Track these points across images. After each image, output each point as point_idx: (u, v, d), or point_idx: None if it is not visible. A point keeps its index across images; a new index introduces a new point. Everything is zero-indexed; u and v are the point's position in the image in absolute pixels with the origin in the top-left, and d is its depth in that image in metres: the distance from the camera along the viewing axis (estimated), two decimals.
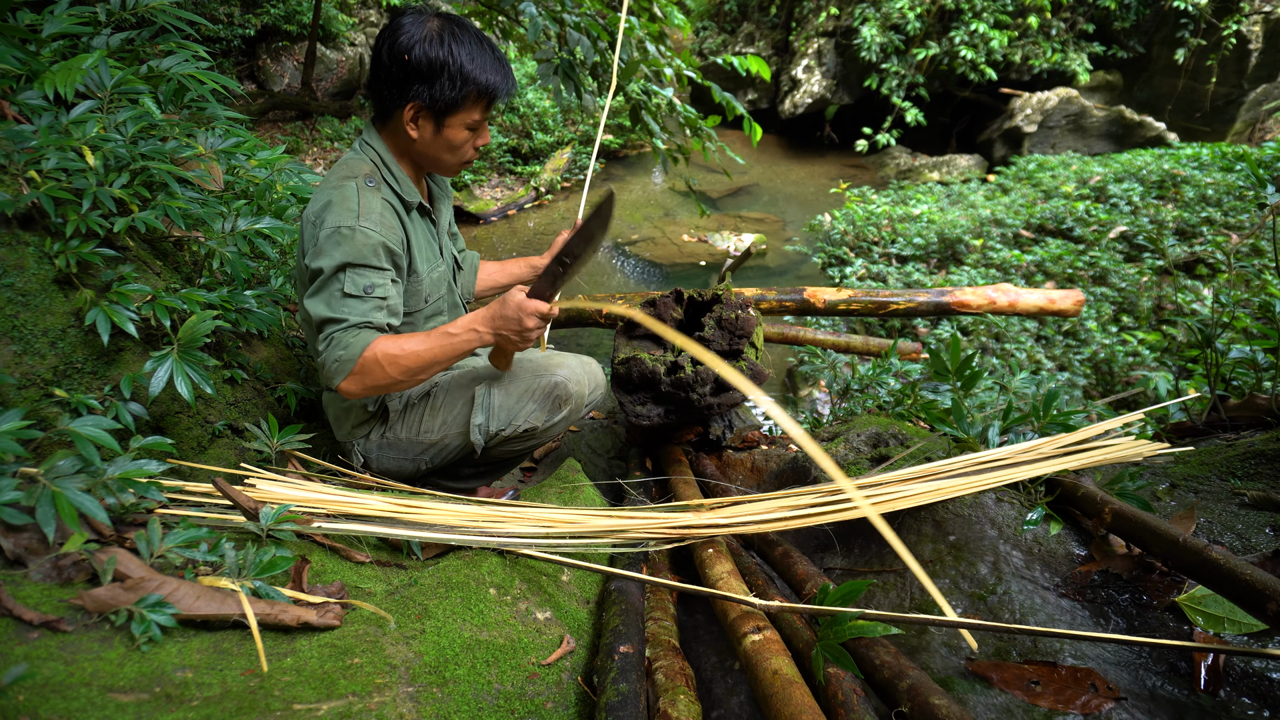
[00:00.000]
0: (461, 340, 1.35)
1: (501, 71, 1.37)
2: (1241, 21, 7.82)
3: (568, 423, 1.60)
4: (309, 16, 7.61)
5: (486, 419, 1.53)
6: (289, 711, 0.79)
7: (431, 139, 1.40)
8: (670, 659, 1.02)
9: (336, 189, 1.36)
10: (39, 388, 1.19)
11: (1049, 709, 0.89)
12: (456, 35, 1.33)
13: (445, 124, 1.38)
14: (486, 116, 1.42)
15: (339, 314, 1.32)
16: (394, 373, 1.32)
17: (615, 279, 6.21)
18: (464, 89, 1.33)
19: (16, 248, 1.21)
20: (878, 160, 8.72)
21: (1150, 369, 3.24)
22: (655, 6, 2.73)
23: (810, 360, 3.35)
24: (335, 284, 1.32)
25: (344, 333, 1.32)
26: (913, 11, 8.05)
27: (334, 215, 1.33)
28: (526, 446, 1.62)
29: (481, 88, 1.35)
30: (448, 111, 1.36)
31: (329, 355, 1.31)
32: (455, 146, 1.42)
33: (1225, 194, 4.81)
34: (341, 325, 1.32)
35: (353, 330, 1.32)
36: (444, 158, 1.45)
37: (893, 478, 1.32)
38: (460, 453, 1.59)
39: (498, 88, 1.37)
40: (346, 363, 1.30)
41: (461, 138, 1.41)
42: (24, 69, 1.36)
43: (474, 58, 1.33)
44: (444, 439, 1.56)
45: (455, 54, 1.31)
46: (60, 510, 0.90)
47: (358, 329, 1.32)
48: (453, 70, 1.31)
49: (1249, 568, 0.87)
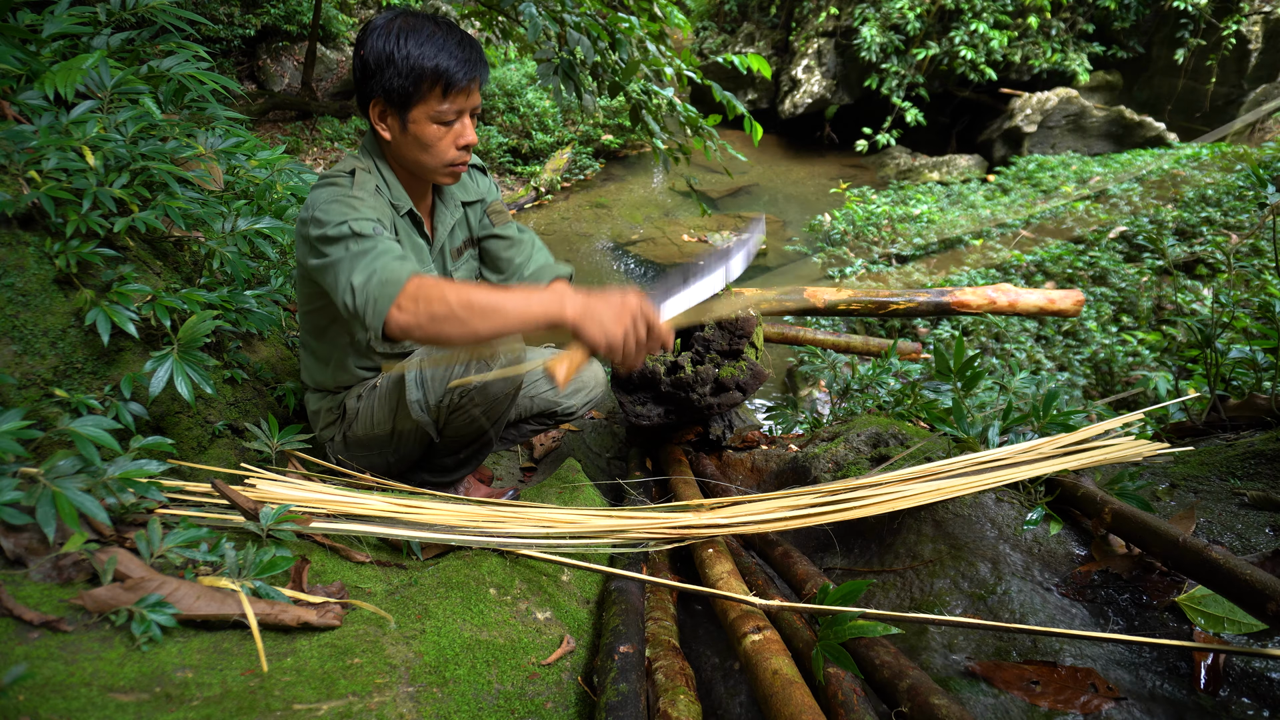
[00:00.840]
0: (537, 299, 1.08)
1: (458, 56, 1.29)
2: (1241, 21, 7.82)
3: (507, 381, 1.45)
4: (309, 16, 7.61)
5: (423, 393, 1.44)
6: (289, 711, 0.79)
7: (401, 137, 1.36)
8: (670, 659, 1.02)
9: (329, 179, 1.35)
10: (39, 388, 1.19)
11: (1049, 709, 0.89)
12: (410, 25, 1.28)
13: (409, 119, 1.32)
14: (457, 108, 1.33)
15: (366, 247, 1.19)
16: (453, 300, 1.08)
17: (615, 279, 6.21)
18: (411, 76, 1.27)
19: (16, 248, 1.21)
20: (878, 160, 8.72)
21: (1150, 369, 3.24)
22: (655, 6, 2.73)
23: (810, 360, 3.35)
24: (343, 240, 1.22)
25: (380, 259, 1.17)
26: (913, 11, 8.05)
27: (327, 193, 1.30)
28: (484, 414, 1.49)
29: (431, 73, 1.27)
30: (406, 105, 1.31)
31: (369, 287, 1.13)
32: (427, 144, 1.35)
33: (1225, 194, 4.81)
34: (374, 253, 1.18)
35: (391, 258, 1.17)
36: (422, 159, 1.38)
37: (892, 478, 1.32)
38: (421, 440, 1.54)
39: (449, 71, 1.28)
40: (392, 285, 1.12)
41: (430, 133, 1.34)
42: (24, 69, 1.36)
43: (423, 44, 1.27)
44: (396, 428, 1.51)
45: (402, 43, 1.26)
46: (60, 510, 0.90)
47: (395, 258, 1.17)
48: (398, 59, 1.26)
49: (1249, 568, 0.87)
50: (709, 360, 1.84)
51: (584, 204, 7.75)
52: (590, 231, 7.07)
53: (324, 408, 1.54)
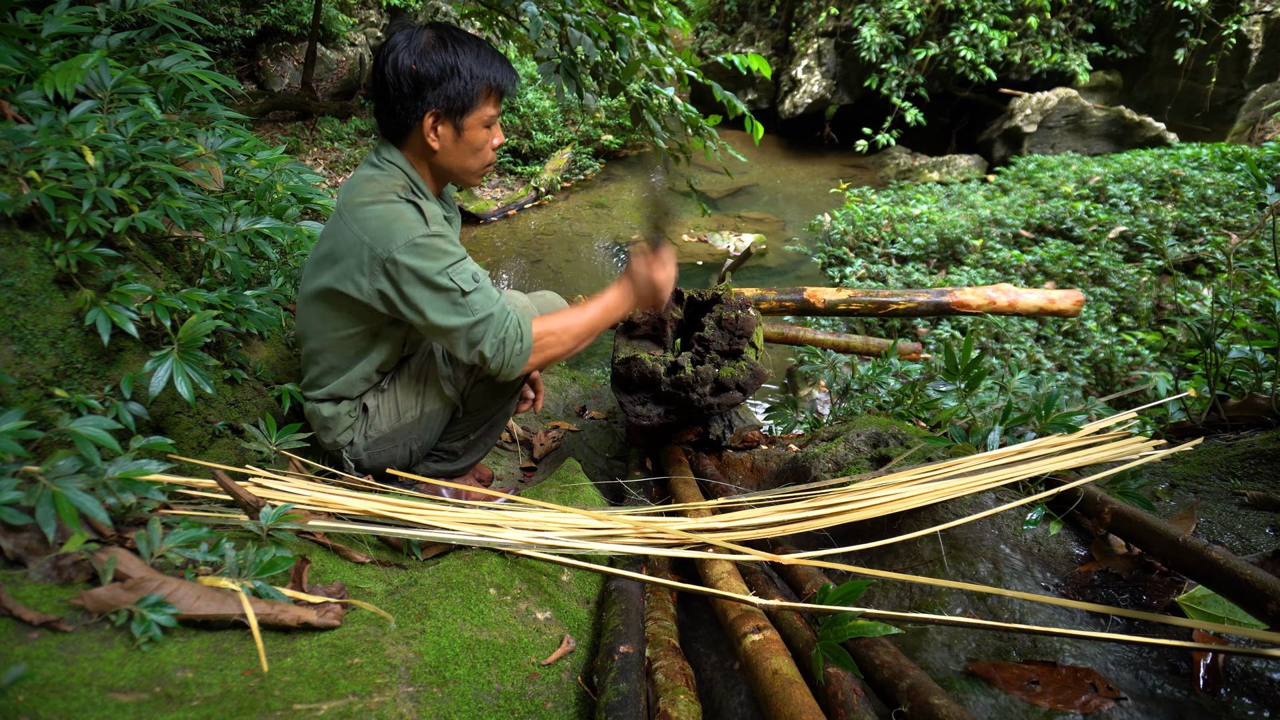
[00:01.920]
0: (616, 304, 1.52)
1: (505, 65, 1.41)
2: (1241, 21, 7.82)
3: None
4: (309, 16, 7.61)
5: (451, 367, 1.54)
6: (289, 711, 0.79)
7: (453, 145, 1.42)
8: (670, 659, 1.02)
9: (392, 203, 1.35)
10: (39, 388, 1.19)
11: (1049, 709, 0.89)
12: (456, 37, 1.36)
13: (465, 125, 1.40)
14: (498, 112, 1.45)
15: (477, 311, 1.34)
16: (567, 340, 1.44)
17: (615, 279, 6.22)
18: (475, 85, 1.36)
19: (16, 248, 1.21)
20: (878, 160, 8.72)
21: (1150, 369, 3.24)
22: (655, 6, 2.73)
23: (810, 360, 3.35)
24: (445, 289, 1.33)
25: (495, 324, 1.35)
26: (913, 12, 8.05)
27: (404, 228, 1.32)
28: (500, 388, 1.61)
29: (492, 81, 1.38)
30: (465, 111, 1.38)
31: (505, 352, 1.36)
32: (477, 148, 1.44)
33: (1225, 194, 4.81)
34: (485, 319, 1.35)
35: (500, 318, 1.36)
36: (468, 162, 1.46)
37: (893, 480, 1.32)
38: (443, 420, 1.60)
39: (505, 79, 1.40)
40: (527, 348, 1.38)
41: (482, 138, 1.43)
42: (24, 69, 1.36)
43: (477, 55, 1.36)
44: (424, 410, 1.56)
45: (461, 54, 1.34)
46: (60, 510, 0.90)
47: (505, 313, 1.37)
48: (462, 70, 1.34)
49: (1249, 568, 0.87)
50: (709, 360, 1.84)
51: (584, 204, 7.75)
52: (590, 231, 7.07)
53: (342, 412, 1.54)
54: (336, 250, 1.38)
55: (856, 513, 1.23)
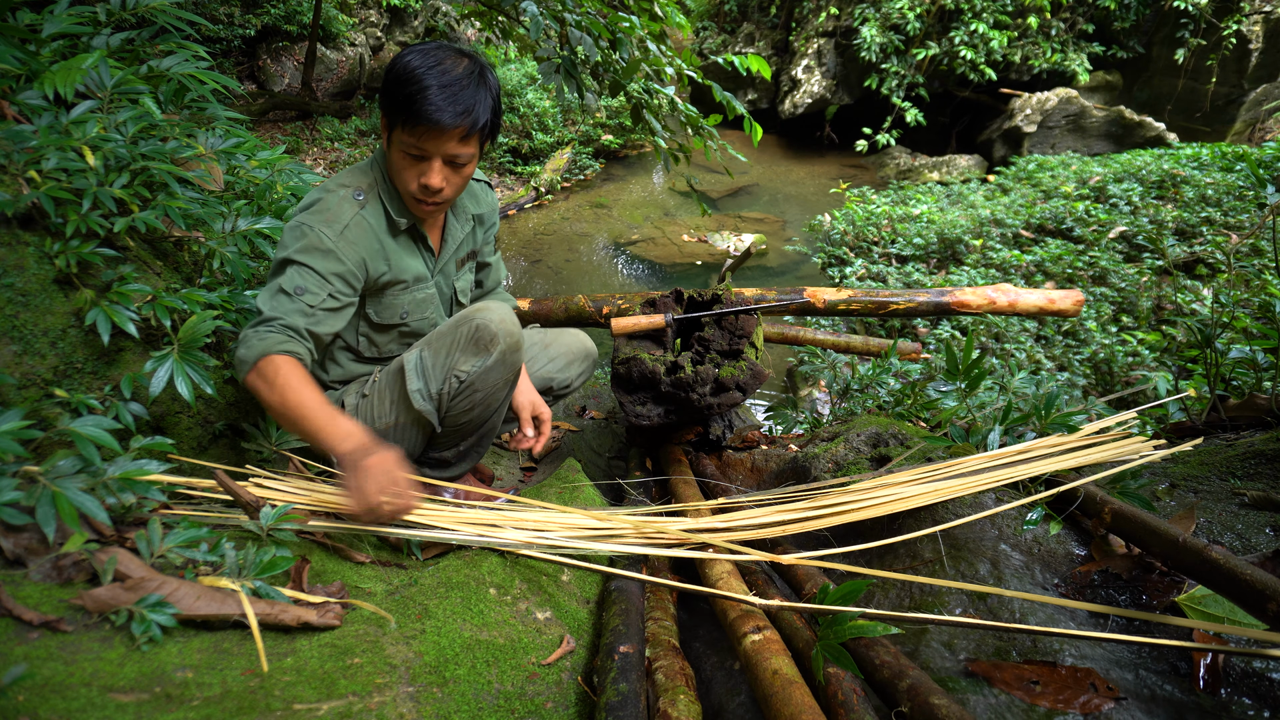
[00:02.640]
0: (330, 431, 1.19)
1: (442, 94, 1.25)
2: (1241, 21, 7.81)
3: (507, 367, 1.47)
4: (309, 16, 7.61)
5: (424, 382, 1.46)
6: (289, 711, 0.79)
7: (387, 150, 1.38)
8: (670, 659, 1.02)
9: (328, 191, 1.38)
10: (39, 388, 1.19)
11: (1049, 709, 0.89)
12: (429, 51, 1.29)
13: (391, 138, 1.33)
14: (424, 145, 1.29)
15: (265, 308, 1.30)
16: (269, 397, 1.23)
17: (615, 279, 6.22)
18: (392, 100, 1.28)
19: (16, 248, 1.21)
20: (878, 160, 8.72)
21: (1150, 369, 3.24)
22: (655, 6, 2.73)
23: (810, 360, 3.35)
24: (277, 276, 1.32)
25: (256, 330, 1.27)
26: (913, 12, 8.05)
27: (307, 213, 1.35)
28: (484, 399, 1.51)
29: (405, 101, 1.25)
30: (390, 124, 1.32)
31: (237, 352, 1.27)
32: (396, 169, 1.36)
33: (1225, 194, 4.81)
34: (260, 320, 1.29)
35: (264, 329, 1.27)
36: (394, 181, 1.40)
37: (893, 480, 1.32)
38: (424, 431, 1.53)
39: (425, 106, 1.24)
40: (244, 364, 1.26)
41: (398, 161, 1.34)
42: (24, 69, 1.36)
43: (425, 72, 1.25)
44: (397, 420, 1.51)
45: (407, 63, 1.27)
46: (60, 510, 0.90)
47: (270, 329, 1.27)
48: (392, 75, 1.27)
49: (1249, 568, 0.87)
50: (709, 360, 1.84)
51: (584, 204, 7.75)
52: (590, 231, 7.07)
53: None
54: None
55: (857, 513, 1.23)
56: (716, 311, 1.95)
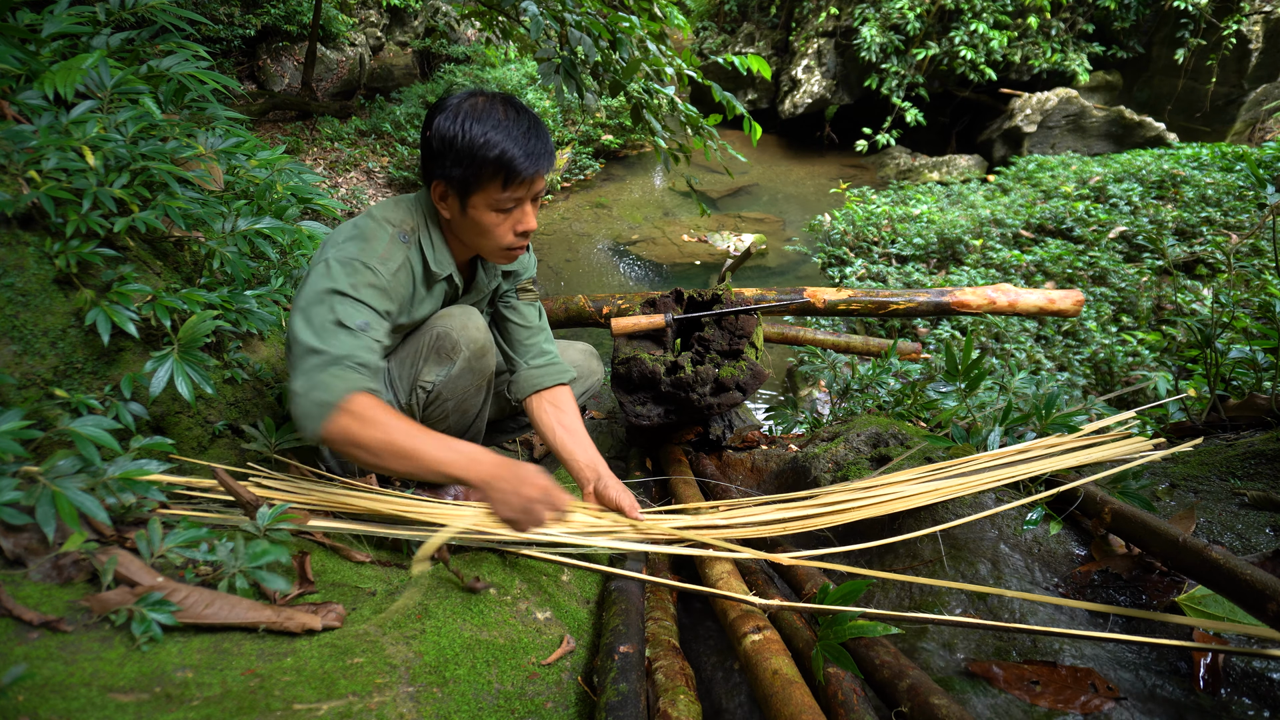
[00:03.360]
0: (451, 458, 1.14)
1: (523, 146, 1.25)
2: (1241, 21, 7.81)
3: (475, 374, 1.47)
4: (309, 16, 7.61)
5: (393, 394, 1.45)
6: (289, 711, 0.79)
7: (460, 219, 1.34)
8: (670, 659, 1.02)
9: (376, 225, 1.32)
10: (39, 388, 1.19)
11: (1049, 709, 0.89)
12: (478, 109, 1.25)
13: (469, 204, 1.30)
14: (517, 196, 1.30)
15: (329, 346, 1.17)
16: (369, 435, 1.13)
17: (615, 279, 6.21)
18: (474, 165, 1.25)
19: (16, 248, 1.21)
20: (878, 160, 8.72)
21: (1150, 369, 3.24)
22: (655, 6, 2.73)
23: (810, 360, 3.35)
24: (327, 310, 1.20)
25: (327, 371, 1.15)
26: (913, 12, 8.05)
27: (357, 246, 1.28)
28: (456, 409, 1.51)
29: (494, 162, 1.24)
30: (466, 190, 1.28)
31: (309, 396, 1.14)
32: (485, 230, 1.33)
33: (1225, 194, 4.81)
34: (327, 359, 1.16)
35: (337, 369, 1.16)
36: (479, 242, 1.37)
37: (893, 479, 1.32)
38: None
39: (513, 161, 1.24)
40: (325, 406, 1.13)
41: (489, 220, 1.31)
42: (24, 69, 1.36)
43: (489, 132, 1.23)
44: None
45: (468, 129, 1.23)
46: (60, 510, 0.90)
47: (344, 368, 1.16)
48: (460, 146, 1.24)
49: (1249, 568, 0.87)
50: (709, 360, 1.84)
51: (584, 204, 7.75)
52: (590, 231, 7.07)
53: None
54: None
55: (857, 511, 1.23)
56: (716, 311, 1.95)
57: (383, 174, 7.37)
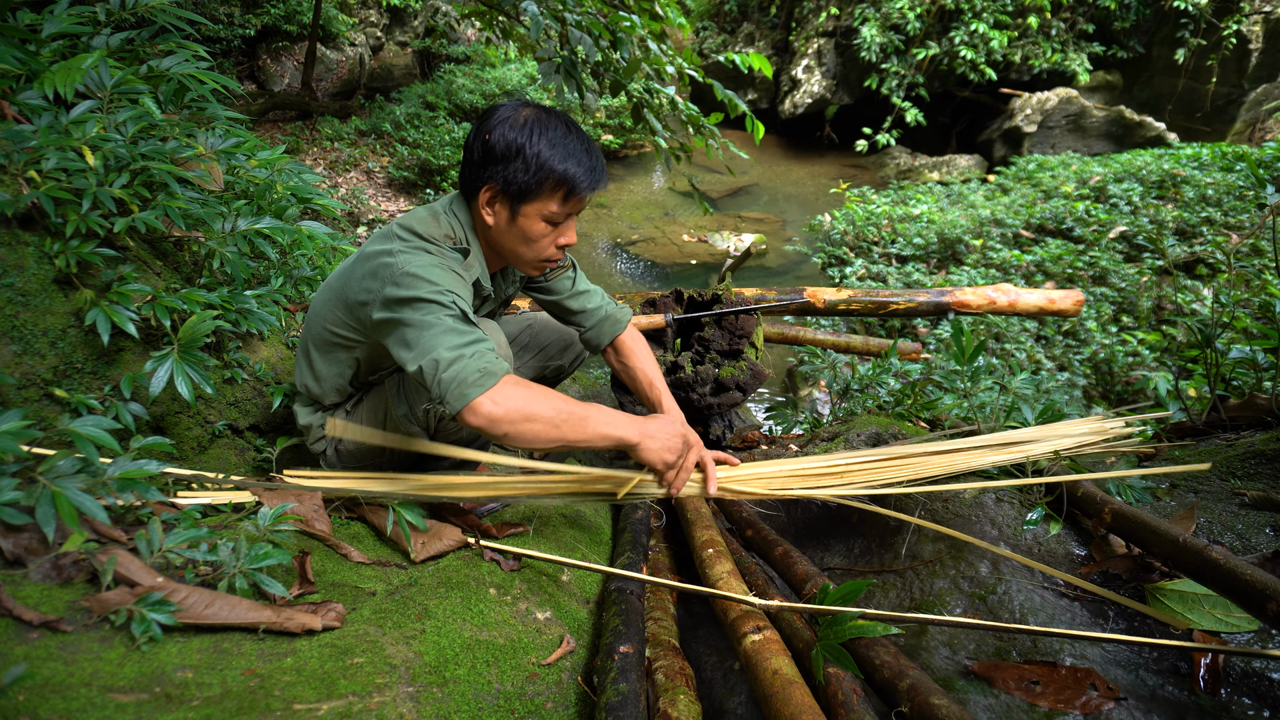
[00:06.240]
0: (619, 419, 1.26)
1: (586, 164, 1.29)
2: (1241, 21, 7.82)
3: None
4: (309, 16, 7.61)
5: (407, 406, 1.43)
6: (289, 711, 0.79)
7: (506, 227, 1.34)
8: (670, 659, 1.02)
9: (426, 244, 1.30)
10: (39, 388, 1.19)
11: (1049, 709, 0.89)
12: (542, 121, 1.29)
13: (520, 211, 1.31)
14: (568, 211, 1.33)
15: (464, 328, 1.18)
16: (542, 406, 1.17)
17: (615, 279, 6.22)
18: (538, 175, 1.27)
19: (16, 248, 1.21)
20: (878, 160, 8.72)
21: (1150, 369, 3.24)
22: (656, 6, 2.73)
23: (810, 360, 3.35)
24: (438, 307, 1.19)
25: (473, 348, 1.16)
26: (913, 11, 8.05)
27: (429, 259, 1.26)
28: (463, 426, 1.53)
29: (558, 176, 1.28)
30: (522, 198, 1.30)
31: (462, 369, 1.13)
32: (531, 239, 1.34)
33: (1225, 194, 4.81)
34: (470, 338, 1.17)
35: (485, 347, 1.17)
36: (520, 250, 1.37)
37: (885, 453, 1.32)
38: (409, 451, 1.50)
39: (576, 178, 1.28)
40: (489, 376, 1.13)
41: (538, 230, 1.33)
42: (24, 69, 1.36)
43: (555, 146, 1.27)
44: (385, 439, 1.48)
45: (534, 139, 1.26)
46: (60, 510, 0.90)
47: (489, 347, 1.18)
48: (528, 155, 1.26)
49: (1249, 568, 0.87)
50: (709, 360, 1.84)
51: None
52: (590, 231, 7.07)
53: (314, 423, 1.52)
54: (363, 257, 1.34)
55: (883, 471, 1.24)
56: (716, 311, 1.95)
57: (382, 174, 7.36)
